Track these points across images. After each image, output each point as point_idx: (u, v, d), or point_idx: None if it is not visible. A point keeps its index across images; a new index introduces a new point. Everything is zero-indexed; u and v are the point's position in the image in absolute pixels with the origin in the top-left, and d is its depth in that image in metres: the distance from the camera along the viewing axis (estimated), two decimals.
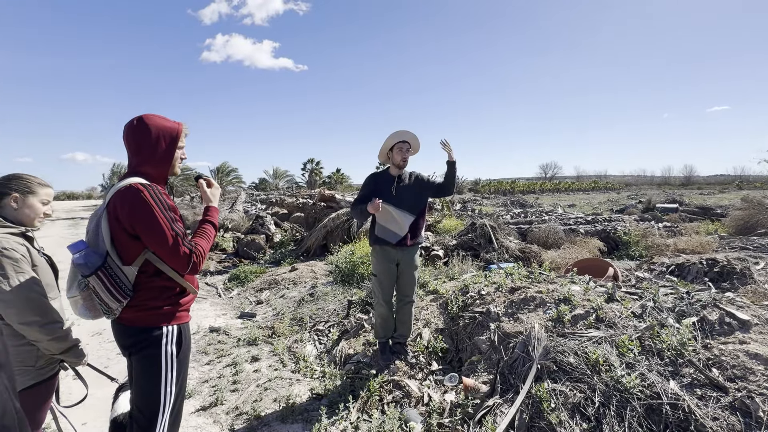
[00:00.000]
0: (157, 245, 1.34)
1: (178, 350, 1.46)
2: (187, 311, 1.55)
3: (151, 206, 1.32)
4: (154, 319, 1.42)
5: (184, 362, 1.50)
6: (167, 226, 1.34)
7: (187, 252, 1.36)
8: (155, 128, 1.42)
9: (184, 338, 1.49)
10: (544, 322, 2.72)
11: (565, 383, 2.21)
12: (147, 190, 1.33)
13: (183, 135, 1.51)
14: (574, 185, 69.81)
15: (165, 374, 1.42)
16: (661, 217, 10.89)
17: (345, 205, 9.18)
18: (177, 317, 1.47)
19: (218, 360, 3.41)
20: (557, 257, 6.16)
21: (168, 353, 1.43)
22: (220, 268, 7.41)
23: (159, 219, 1.32)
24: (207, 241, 1.48)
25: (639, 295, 2.87)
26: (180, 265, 1.37)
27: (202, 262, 1.42)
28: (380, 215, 2.92)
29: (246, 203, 17.02)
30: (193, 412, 2.62)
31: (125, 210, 1.32)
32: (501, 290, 3.35)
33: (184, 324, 1.52)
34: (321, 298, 4.76)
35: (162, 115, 1.48)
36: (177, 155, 1.50)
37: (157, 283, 1.42)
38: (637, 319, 2.54)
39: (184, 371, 1.52)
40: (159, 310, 1.42)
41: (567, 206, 20.64)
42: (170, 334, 1.44)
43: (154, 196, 1.34)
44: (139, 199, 1.31)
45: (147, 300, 1.41)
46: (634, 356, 2.18)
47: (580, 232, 8.07)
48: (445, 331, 3.36)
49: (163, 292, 1.43)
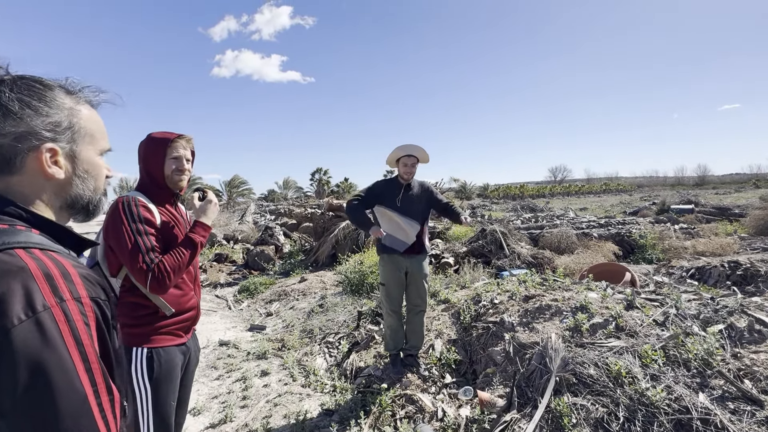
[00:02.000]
0: (120, 255, 1.32)
1: (150, 375, 1.34)
2: (171, 334, 1.42)
3: (120, 216, 1.32)
4: (125, 338, 1.32)
5: (161, 388, 1.37)
6: (129, 237, 1.30)
7: (144, 267, 1.27)
8: (148, 141, 1.47)
9: (157, 363, 1.36)
10: (561, 331, 2.62)
11: (586, 397, 2.11)
12: (123, 201, 1.36)
13: (178, 146, 1.46)
14: (584, 188, 68.96)
15: (139, 400, 1.33)
16: (677, 219, 10.63)
17: None
18: (151, 340, 1.36)
19: (228, 375, 3.36)
20: (571, 262, 6.02)
21: (138, 377, 1.32)
22: (230, 280, 7.41)
23: (123, 229, 1.31)
24: (176, 260, 1.34)
25: (660, 301, 2.75)
26: (139, 278, 1.29)
27: (168, 280, 1.30)
28: (387, 224, 2.88)
29: (255, 214, 17.14)
30: (203, 430, 2.57)
31: (105, 221, 1.37)
32: (515, 299, 3.25)
33: (162, 348, 1.39)
34: (331, 309, 4.71)
35: (165, 131, 1.48)
36: (168, 166, 1.44)
37: (129, 298, 1.37)
38: (659, 327, 2.43)
39: (164, 399, 1.39)
40: (129, 329, 1.35)
41: (578, 210, 20.33)
42: (139, 357, 1.33)
43: (127, 207, 1.34)
44: (113, 209, 1.35)
45: (120, 316, 1.34)
46: (658, 367, 2.08)
47: (593, 236, 7.90)
48: (458, 342, 3.27)
49: (134, 309, 1.37)
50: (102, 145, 0.72)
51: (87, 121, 0.68)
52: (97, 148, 0.71)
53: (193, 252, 1.41)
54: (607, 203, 28.23)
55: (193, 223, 1.48)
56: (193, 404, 2.87)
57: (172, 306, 1.42)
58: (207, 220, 1.49)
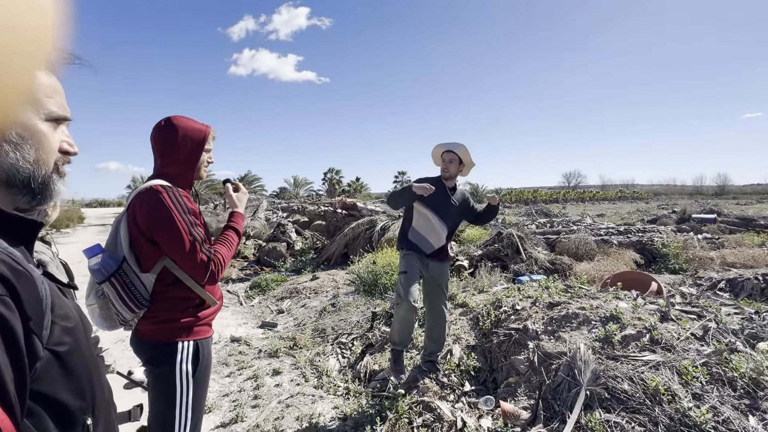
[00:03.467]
0: (173, 250, 1.24)
1: (194, 369, 1.32)
2: (209, 325, 1.42)
3: (169, 208, 1.22)
4: (168, 334, 1.30)
5: (201, 383, 1.36)
6: (185, 230, 1.23)
7: (204, 259, 1.25)
8: (182, 129, 1.35)
9: (202, 356, 1.35)
10: (590, 342, 2.48)
11: (620, 414, 1.97)
12: (167, 192, 1.24)
13: (210, 138, 1.44)
14: (599, 194, 67.76)
15: (180, 396, 1.28)
16: (699, 228, 10.27)
17: (367, 213, 9.07)
18: (195, 332, 1.34)
19: (239, 372, 3.29)
20: (591, 269, 5.82)
21: (183, 372, 1.29)
22: (242, 276, 7.39)
23: (177, 222, 1.22)
24: (228, 249, 1.36)
25: (697, 314, 2.58)
26: (197, 273, 1.26)
27: (222, 271, 1.31)
28: (419, 221, 2.76)
29: (267, 211, 17.18)
30: (213, 428, 2.50)
31: (143, 212, 1.23)
32: (538, 305, 3.11)
33: (204, 340, 1.37)
34: (343, 309, 4.61)
35: (191, 117, 1.42)
36: (203, 158, 1.42)
37: (174, 293, 1.31)
38: (699, 341, 2.27)
39: (202, 393, 1.37)
40: (174, 324, 1.30)
41: (596, 216, 19.91)
42: (186, 350, 1.31)
43: (174, 198, 1.25)
44: (158, 200, 1.23)
45: (162, 311, 1.30)
46: (701, 386, 1.92)
47: (613, 243, 7.66)
48: (477, 348, 3.14)
49: (179, 303, 1.32)
50: (49, 108, 0.57)
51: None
52: (42, 113, 0.56)
53: (238, 241, 1.45)
54: (623, 210, 27.61)
55: (231, 213, 1.51)
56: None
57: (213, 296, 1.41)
58: (242, 209, 1.54)
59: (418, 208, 2.79)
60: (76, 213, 20.33)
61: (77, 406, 0.55)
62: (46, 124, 0.58)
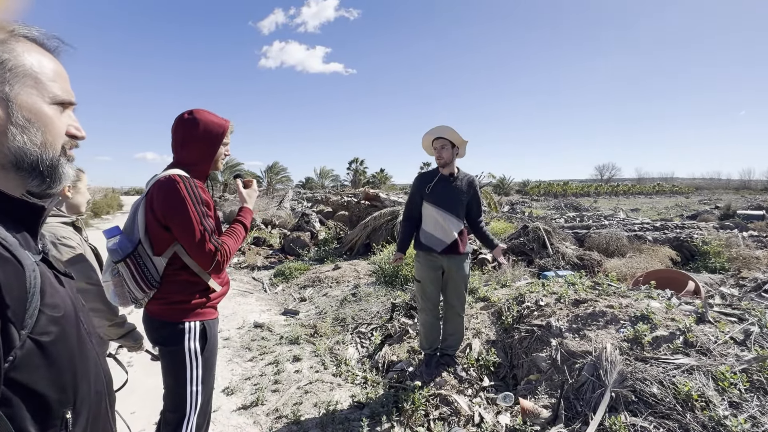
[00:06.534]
0: (184, 238, 1.31)
1: (203, 347, 1.41)
2: (214, 308, 1.51)
3: (184, 198, 1.29)
4: (176, 314, 1.38)
5: (209, 360, 1.45)
6: (197, 220, 1.30)
7: (212, 249, 1.32)
8: (203, 122, 1.42)
9: (209, 336, 1.44)
10: (618, 342, 2.37)
11: (648, 418, 1.88)
12: (183, 182, 1.31)
13: (229, 132, 1.50)
14: (634, 188, 64.62)
15: (190, 372, 1.38)
16: (745, 225, 9.60)
17: (389, 204, 9.05)
18: (200, 314, 1.42)
19: (261, 357, 3.39)
20: (622, 266, 5.57)
21: (191, 350, 1.38)
22: (266, 264, 7.57)
23: (190, 212, 1.30)
24: (234, 241, 1.43)
25: (738, 316, 2.41)
26: (204, 261, 1.33)
27: (227, 261, 1.38)
28: (427, 220, 2.72)
29: (293, 201, 17.49)
30: (235, 410, 2.58)
31: (160, 199, 1.31)
32: (563, 302, 3.00)
33: (210, 321, 1.46)
34: (364, 299, 4.64)
35: (212, 112, 1.48)
36: (221, 151, 1.48)
37: (182, 277, 1.39)
38: (739, 346, 2.12)
39: (210, 370, 1.47)
40: (182, 305, 1.38)
41: (630, 211, 19.02)
42: (193, 330, 1.39)
43: (190, 188, 1.32)
44: (174, 190, 1.30)
45: (171, 293, 1.38)
46: (739, 393, 1.80)
47: (647, 239, 7.29)
48: (498, 344, 3.08)
49: (187, 287, 1.40)
50: (54, 92, 0.58)
51: (27, 60, 0.55)
52: (46, 96, 0.57)
53: (245, 235, 1.51)
54: (660, 205, 26.24)
55: (240, 208, 1.56)
56: (227, 383, 2.91)
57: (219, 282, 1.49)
58: (251, 205, 1.59)
59: (424, 208, 2.75)
60: (116, 200, 21.64)
61: (56, 398, 0.54)
62: (51, 108, 0.58)
